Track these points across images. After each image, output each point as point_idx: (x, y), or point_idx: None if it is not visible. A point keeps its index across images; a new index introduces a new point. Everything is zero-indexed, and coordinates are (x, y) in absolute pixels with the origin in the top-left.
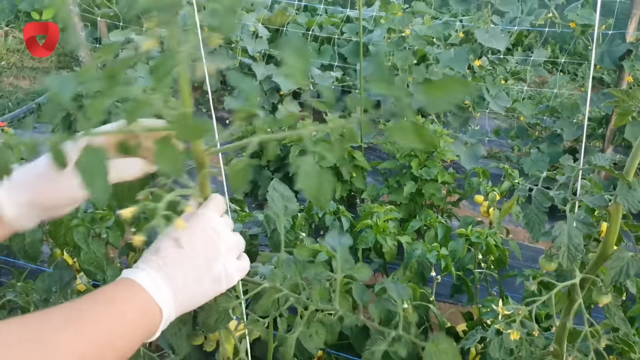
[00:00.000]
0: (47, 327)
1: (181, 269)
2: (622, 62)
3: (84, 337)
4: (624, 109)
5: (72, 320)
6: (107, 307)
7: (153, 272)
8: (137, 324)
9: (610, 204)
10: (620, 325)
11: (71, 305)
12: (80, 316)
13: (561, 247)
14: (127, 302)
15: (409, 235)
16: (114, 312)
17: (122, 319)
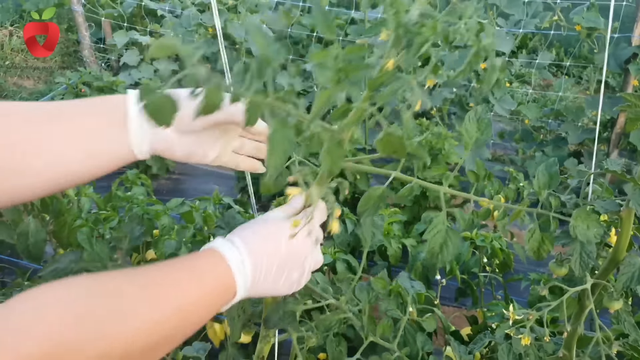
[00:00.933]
0: (134, 289)
1: (268, 262)
2: (628, 65)
3: (168, 304)
4: (635, 114)
5: (158, 284)
6: (194, 279)
7: (245, 254)
8: (216, 299)
9: (622, 209)
10: (630, 332)
11: (160, 267)
12: (168, 281)
13: (574, 254)
14: (213, 278)
15: (413, 238)
16: (199, 285)
17: (205, 292)
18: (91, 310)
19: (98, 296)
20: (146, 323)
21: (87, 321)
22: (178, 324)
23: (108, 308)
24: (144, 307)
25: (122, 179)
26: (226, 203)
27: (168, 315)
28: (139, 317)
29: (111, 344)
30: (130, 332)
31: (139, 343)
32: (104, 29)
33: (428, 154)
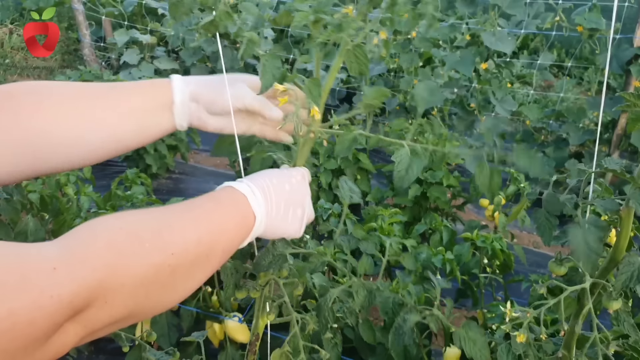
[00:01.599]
0: (169, 215)
1: (277, 198)
2: (630, 66)
3: (200, 225)
4: (635, 114)
5: (189, 211)
6: (216, 206)
7: (256, 189)
8: (239, 226)
9: (622, 208)
10: (630, 332)
11: (185, 202)
12: (196, 209)
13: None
14: (232, 205)
15: (413, 238)
16: (221, 210)
17: (228, 217)
18: (141, 230)
19: (145, 220)
20: (188, 239)
21: (137, 240)
22: (213, 243)
23: (154, 229)
24: (185, 226)
25: (122, 178)
26: None
27: (205, 234)
28: (182, 234)
29: (158, 258)
30: (176, 246)
31: (182, 258)
32: (104, 27)
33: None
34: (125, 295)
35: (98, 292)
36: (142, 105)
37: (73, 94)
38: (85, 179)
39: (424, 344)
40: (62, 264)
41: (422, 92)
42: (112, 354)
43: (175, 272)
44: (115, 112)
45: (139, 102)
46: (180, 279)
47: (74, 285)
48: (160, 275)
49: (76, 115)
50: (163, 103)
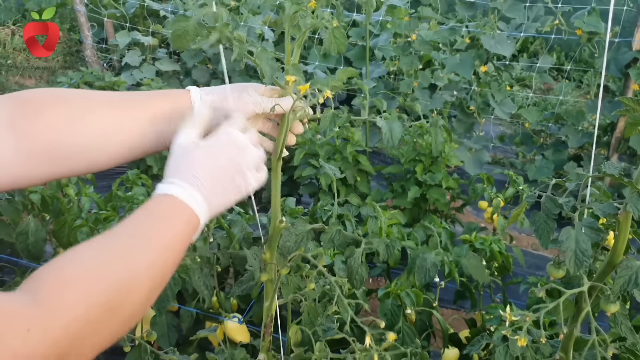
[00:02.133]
0: (120, 243)
1: (211, 182)
2: (628, 70)
3: (150, 249)
4: (634, 118)
5: (138, 237)
6: (161, 223)
7: (190, 188)
8: (185, 234)
9: (620, 212)
10: (627, 335)
11: (132, 223)
12: (144, 233)
13: (568, 252)
14: (176, 217)
15: (413, 240)
16: (167, 227)
17: (174, 231)
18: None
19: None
20: (146, 264)
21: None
22: (165, 262)
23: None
24: (139, 252)
25: (123, 179)
26: None
27: (159, 254)
28: (140, 260)
29: (127, 287)
30: (138, 275)
31: (139, 288)
32: (106, 29)
33: (428, 157)
34: (95, 344)
35: (70, 349)
36: (162, 113)
37: (92, 101)
38: (86, 180)
39: (423, 344)
40: (35, 325)
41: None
42: (111, 353)
43: (137, 302)
44: (136, 120)
45: (159, 110)
46: (142, 302)
47: (48, 346)
48: (123, 310)
49: (96, 123)
50: (183, 111)
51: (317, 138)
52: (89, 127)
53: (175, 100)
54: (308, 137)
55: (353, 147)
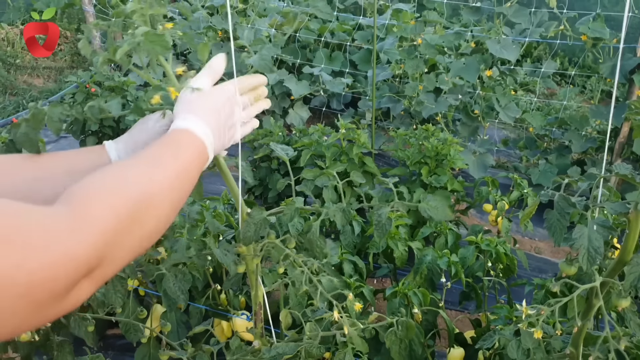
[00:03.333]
0: (143, 163)
1: (215, 121)
2: (633, 75)
3: (170, 170)
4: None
5: (160, 159)
6: (179, 150)
7: (202, 124)
8: (197, 162)
9: (631, 211)
10: (636, 331)
11: (156, 149)
12: (165, 157)
13: (581, 249)
14: (191, 147)
15: (419, 241)
16: (184, 154)
17: (189, 158)
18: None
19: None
20: (166, 182)
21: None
22: (183, 182)
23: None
24: (160, 172)
25: None
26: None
27: (177, 176)
28: (161, 178)
29: (150, 201)
30: (159, 191)
31: (166, 195)
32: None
33: (434, 160)
34: (124, 253)
35: (105, 254)
36: (79, 167)
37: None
38: None
39: (429, 344)
40: (77, 229)
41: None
42: (120, 349)
43: (154, 204)
44: (54, 174)
45: (75, 164)
46: (164, 218)
47: (89, 249)
48: (147, 224)
49: (21, 175)
50: (97, 163)
51: (324, 140)
52: (14, 180)
53: (92, 154)
54: (314, 138)
55: (359, 148)
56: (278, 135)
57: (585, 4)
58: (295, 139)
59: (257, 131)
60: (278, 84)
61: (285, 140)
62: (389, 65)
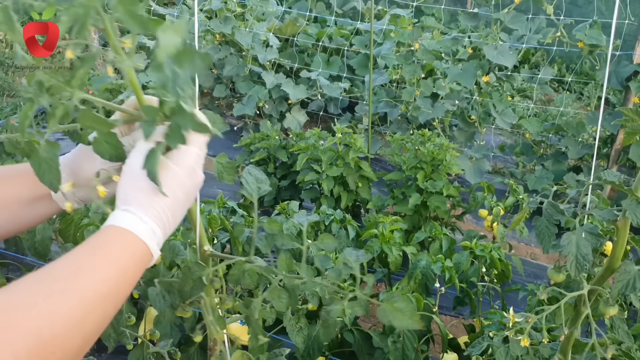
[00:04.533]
0: (51, 280)
1: (169, 210)
2: (629, 83)
3: (99, 284)
4: (632, 128)
5: (83, 270)
6: (107, 261)
7: (150, 221)
8: (133, 273)
9: (619, 219)
10: (624, 338)
11: (73, 258)
12: (80, 269)
13: (569, 256)
14: (126, 255)
15: (413, 246)
16: (113, 266)
17: (121, 271)
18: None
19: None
20: (76, 315)
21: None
22: (105, 306)
23: (35, 313)
24: (70, 301)
25: None
26: (230, 207)
27: (95, 305)
28: (67, 312)
29: (47, 342)
30: (62, 328)
31: (73, 333)
32: None
33: (430, 165)
34: None
35: None
36: (18, 197)
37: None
38: None
39: (422, 349)
40: None
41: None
42: (114, 352)
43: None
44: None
45: (15, 193)
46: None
47: None
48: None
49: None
50: (40, 194)
51: (320, 144)
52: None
53: (33, 182)
54: (311, 142)
55: (355, 153)
56: (275, 139)
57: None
58: (292, 142)
59: (253, 135)
60: (275, 88)
61: (282, 144)
62: (387, 70)
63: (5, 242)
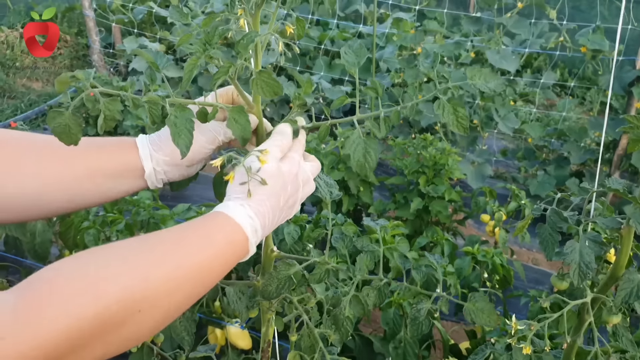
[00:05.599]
0: (160, 245)
1: (270, 210)
2: (632, 88)
3: (193, 262)
4: (636, 135)
5: (184, 246)
6: (209, 244)
7: (256, 219)
8: (226, 262)
9: (623, 227)
10: (628, 347)
11: (180, 232)
12: (189, 245)
13: (572, 264)
14: (226, 242)
15: (415, 251)
16: (212, 249)
17: (218, 254)
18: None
19: (118, 259)
20: (167, 284)
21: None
22: (196, 283)
23: (129, 272)
24: (165, 269)
25: None
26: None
27: (181, 276)
28: (159, 279)
29: (137, 300)
30: (153, 291)
31: (162, 301)
32: (114, 34)
33: (432, 169)
34: (97, 353)
35: (63, 354)
36: (103, 170)
37: (28, 147)
38: None
39: (423, 355)
40: (8, 335)
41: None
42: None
43: (153, 316)
44: (73, 173)
45: (100, 164)
46: (153, 324)
47: (37, 350)
48: (123, 329)
49: (29, 171)
50: (128, 169)
51: (322, 147)
52: (20, 177)
53: (121, 156)
54: (312, 146)
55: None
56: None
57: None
58: None
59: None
60: None
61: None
62: (389, 73)
63: (5, 244)
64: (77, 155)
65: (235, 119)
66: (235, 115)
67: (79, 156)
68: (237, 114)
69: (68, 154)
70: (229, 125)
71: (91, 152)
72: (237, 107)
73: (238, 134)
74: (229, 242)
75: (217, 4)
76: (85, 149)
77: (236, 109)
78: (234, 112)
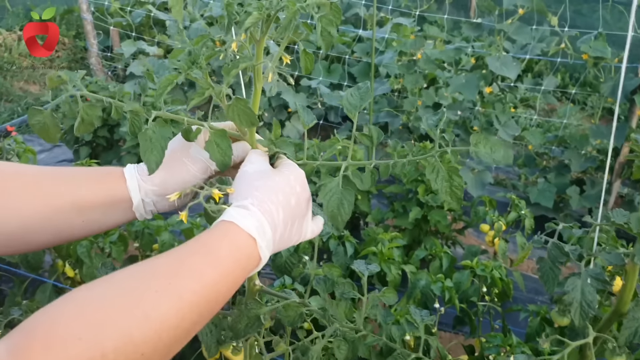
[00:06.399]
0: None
1: (284, 219)
2: (634, 96)
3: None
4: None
5: (172, 273)
6: (209, 263)
7: (261, 216)
8: (235, 277)
9: (627, 262)
10: None
11: (176, 256)
12: (180, 269)
13: (574, 303)
14: (231, 257)
15: (413, 264)
16: (216, 269)
17: (223, 274)
18: (109, 316)
19: (115, 299)
20: (170, 319)
21: (107, 328)
22: (203, 309)
23: (128, 312)
24: (166, 303)
25: None
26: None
27: (192, 306)
28: (162, 316)
29: (137, 344)
30: (155, 331)
31: (165, 337)
32: (112, 37)
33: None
34: None
35: None
36: (91, 202)
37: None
38: None
39: None
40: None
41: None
42: None
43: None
44: (61, 207)
45: (88, 197)
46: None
47: None
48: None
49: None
50: (115, 200)
51: (320, 155)
52: (2, 212)
53: (108, 188)
54: (310, 154)
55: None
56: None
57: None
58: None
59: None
60: (275, 96)
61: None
62: (388, 79)
63: None
64: (63, 189)
65: (216, 143)
66: (217, 139)
67: (64, 189)
68: (219, 138)
69: (53, 188)
70: (207, 148)
71: (77, 184)
72: (220, 131)
73: (218, 158)
74: (234, 257)
75: (216, 9)
76: (71, 180)
77: (218, 132)
78: (216, 135)
